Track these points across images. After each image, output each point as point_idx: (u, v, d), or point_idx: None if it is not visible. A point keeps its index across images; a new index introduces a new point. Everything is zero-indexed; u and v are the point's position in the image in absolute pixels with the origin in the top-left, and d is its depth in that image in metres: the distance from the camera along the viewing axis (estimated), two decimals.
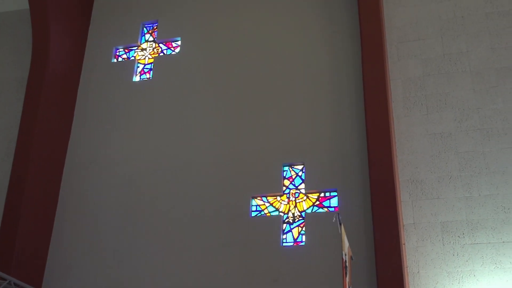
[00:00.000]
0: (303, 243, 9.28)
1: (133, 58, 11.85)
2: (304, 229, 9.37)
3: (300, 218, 9.51)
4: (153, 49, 11.80)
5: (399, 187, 9.10)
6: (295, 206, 9.60)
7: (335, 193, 9.54)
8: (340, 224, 6.87)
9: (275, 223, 9.50)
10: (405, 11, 10.46)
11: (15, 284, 8.36)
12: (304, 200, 9.62)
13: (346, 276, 6.85)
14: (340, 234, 6.91)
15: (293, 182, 9.82)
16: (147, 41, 11.98)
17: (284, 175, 9.89)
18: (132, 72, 11.59)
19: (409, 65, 10.03)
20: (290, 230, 9.46)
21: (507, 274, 8.21)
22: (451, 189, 8.95)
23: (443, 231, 8.69)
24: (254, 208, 9.75)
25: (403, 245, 8.46)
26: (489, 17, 9.99)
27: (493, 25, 9.92)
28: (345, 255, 6.95)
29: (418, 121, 9.55)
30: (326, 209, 9.48)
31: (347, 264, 6.93)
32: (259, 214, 9.69)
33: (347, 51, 10.49)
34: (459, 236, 8.59)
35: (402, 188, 9.13)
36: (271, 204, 9.71)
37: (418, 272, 8.53)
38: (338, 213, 7.23)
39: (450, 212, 8.79)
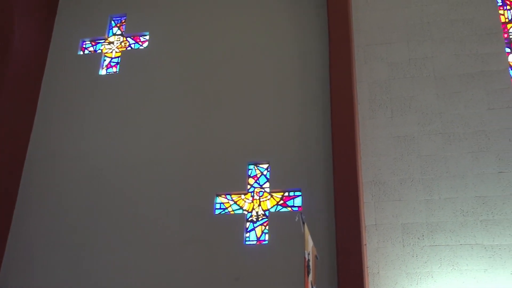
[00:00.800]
0: (266, 242, 9.33)
1: (99, 51, 11.74)
2: (267, 228, 9.43)
3: (263, 217, 9.58)
4: (120, 43, 11.72)
5: (362, 188, 9.21)
6: (259, 205, 9.66)
7: (299, 193, 9.62)
8: (304, 223, 6.93)
9: (239, 222, 9.55)
10: (373, 15, 10.58)
11: None
12: (268, 199, 9.68)
13: (308, 275, 6.90)
14: (303, 234, 6.96)
15: (257, 181, 9.88)
16: (114, 34, 11.89)
17: (249, 174, 9.94)
18: (98, 66, 11.49)
19: (375, 68, 10.15)
20: (254, 229, 9.52)
21: (463, 276, 8.43)
22: (413, 191, 9.11)
23: (403, 232, 8.83)
24: (218, 206, 9.78)
25: (364, 246, 8.58)
26: (453, 24, 10.19)
27: (457, 32, 10.12)
28: (308, 254, 7.00)
29: (382, 124, 9.68)
30: (289, 208, 9.55)
31: (310, 263, 6.99)
32: (223, 212, 9.73)
33: (315, 52, 10.58)
34: (418, 238, 8.76)
35: (365, 190, 9.25)
36: (235, 202, 9.76)
37: (378, 272, 8.68)
38: (301, 212, 7.29)
39: (411, 214, 8.94)
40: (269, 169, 9.90)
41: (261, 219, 9.57)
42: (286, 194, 9.68)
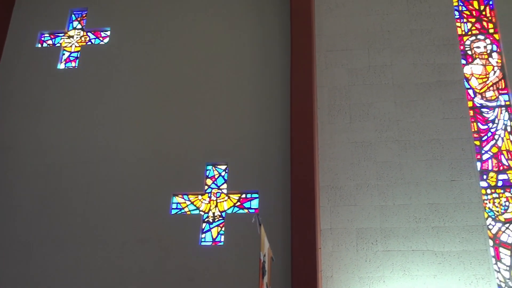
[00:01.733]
0: (221, 243, 9.36)
1: (58, 44, 11.57)
2: (223, 229, 9.45)
3: (220, 218, 9.60)
4: (80, 37, 11.58)
5: (319, 192, 9.33)
6: (216, 206, 9.68)
7: (256, 195, 9.67)
8: (260, 224, 6.96)
9: (195, 222, 9.55)
10: (335, 21, 10.71)
11: None
12: (225, 200, 9.71)
13: (263, 277, 6.94)
14: (259, 235, 6.98)
15: (215, 182, 9.90)
16: (74, 28, 11.74)
17: (207, 174, 9.96)
18: (57, 59, 11.31)
19: (336, 74, 10.27)
20: (210, 230, 9.53)
21: (414, 281, 8.63)
22: (368, 196, 9.26)
23: (358, 237, 8.97)
24: (174, 206, 9.75)
25: (319, 250, 8.69)
26: (413, 34, 10.41)
27: (416, 41, 10.34)
28: (264, 256, 7.04)
29: (341, 129, 9.80)
30: (246, 210, 9.60)
31: (265, 265, 7.04)
32: (179, 212, 9.72)
33: (276, 55, 10.64)
34: (372, 243, 8.92)
35: (321, 194, 9.37)
36: (192, 203, 9.76)
37: (331, 276, 8.79)
38: (258, 214, 7.31)
39: (365, 219, 9.09)
40: (227, 170, 9.92)
41: (218, 220, 9.59)
42: (243, 196, 9.73)
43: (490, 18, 10.63)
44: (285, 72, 10.39)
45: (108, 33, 11.52)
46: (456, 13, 10.70)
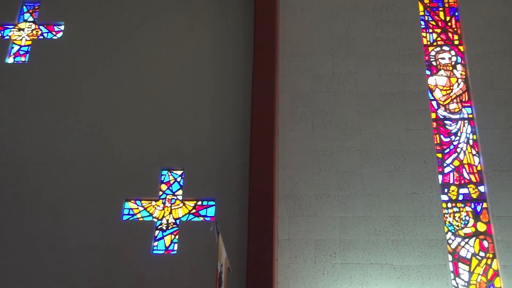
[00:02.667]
0: (174, 252, 9.19)
1: (8, 37, 11.15)
2: (177, 237, 9.29)
3: (174, 226, 9.43)
4: (32, 31, 11.21)
5: (278, 201, 9.26)
6: (170, 213, 9.51)
7: (212, 202, 9.54)
8: (218, 233, 6.88)
9: (147, 229, 9.33)
10: (300, 25, 10.70)
11: None
12: (180, 207, 9.56)
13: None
14: (217, 244, 6.90)
15: (170, 188, 9.73)
16: (26, 21, 11.35)
17: (162, 179, 9.77)
18: (5, 53, 10.90)
19: (299, 79, 10.26)
20: (163, 237, 9.35)
21: None
22: (328, 207, 9.24)
23: (316, 249, 8.93)
24: (126, 211, 9.53)
25: (275, 261, 8.60)
26: (378, 42, 10.48)
27: (381, 50, 10.41)
28: (221, 266, 6.95)
29: (302, 137, 9.78)
30: (202, 218, 9.46)
31: (222, 275, 6.93)
32: (131, 218, 9.49)
33: (238, 58, 10.57)
34: (330, 255, 8.88)
35: (280, 203, 9.31)
36: (145, 209, 9.55)
37: None
38: (216, 222, 7.23)
39: (324, 231, 9.06)
40: (183, 176, 9.77)
41: (171, 228, 9.41)
42: (199, 203, 9.59)
43: (455, 29, 10.77)
44: (247, 76, 10.29)
45: (62, 27, 11.18)
46: (422, 23, 10.80)
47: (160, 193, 9.69)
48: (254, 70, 9.89)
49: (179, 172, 9.84)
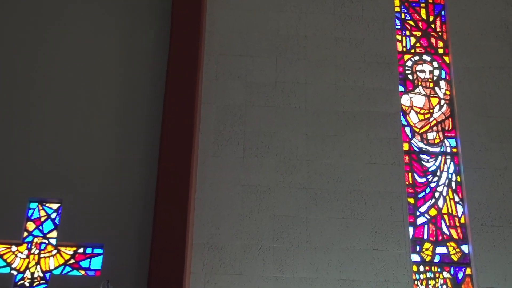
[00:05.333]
0: None
1: None
2: None
3: (42, 282, 8.98)
4: None
5: (191, 252, 9.10)
6: (38, 263, 9.06)
7: (100, 250, 9.17)
8: None
9: (2, 285, 8.82)
10: (234, 15, 10.71)
11: None
12: (53, 255, 9.12)
13: None
14: None
15: (40, 227, 9.29)
16: None
17: (29, 215, 9.33)
18: None
19: (229, 87, 10.21)
20: None
21: None
22: (259, 263, 9.13)
23: None
24: None
25: None
26: (338, 44, 10.50)
27: (342, 55, 10.41)
28: None
29: (230, 165, 9.72)
30: (83, 272, 9.07)
31: None
32: None
33: (148, 56, 10.46)
34: None
35: (194, 254, 9.17)
36: (1, 256, 9.07)
37: None
38: (108, 281, 7.49)
39: None
40: (59, 212, 9.34)
41: (38, 285, 8.95)
42: (81, 250, 9.18)
43: (440, 33, 10.84)
44: (159, 80, 10.12)
45: None
46: (397, 22, 10.87)
47: (25, 234, 9.25)
48: (169, 72, 9.74)
49: (55, 206, 9.45)
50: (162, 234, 8.74)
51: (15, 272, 9.02)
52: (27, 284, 8.96)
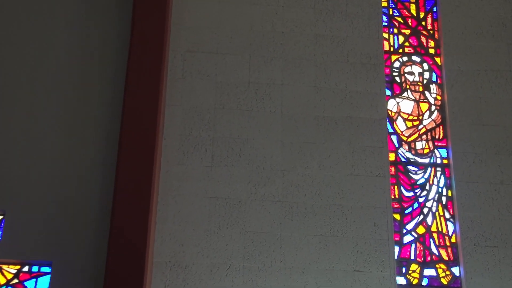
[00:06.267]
0: None
1: None
2: None
3: None
4: None
5: (151, 271, 9.00)
6: None
7: (47, 269, 9.04)
8: None
9: None
10: (204, 7, 10.64)
11: None
12: None
13: None
14: None
15: None
16: None
17: None
18: None
19: (196, 88, 10.14)
20: None
21: None
22: (228, 285, 9.04)
23: None
24: None
25: None
26: (318, 41, 10.45)
27: (322, 53, 10.36)
28: None
29: (196, 175, 9.63)
30: None
31: None
32: None
33: (111, 50, 10.40)
34: None
35: (155, 274, 9.05)
36: None
37: None
38: None
39: None
40: (1, 225, 9.21)
41: None
42: (26, 268, 9.04)
43: (431, 32, 10.83)
44: (118, 78, 10.07)
45: None
46: (385, 18, 10.85)
47: None
48: (129, 70, 9.64)
49: None
50: (119, 251, 8.62)
51: None
52: None
